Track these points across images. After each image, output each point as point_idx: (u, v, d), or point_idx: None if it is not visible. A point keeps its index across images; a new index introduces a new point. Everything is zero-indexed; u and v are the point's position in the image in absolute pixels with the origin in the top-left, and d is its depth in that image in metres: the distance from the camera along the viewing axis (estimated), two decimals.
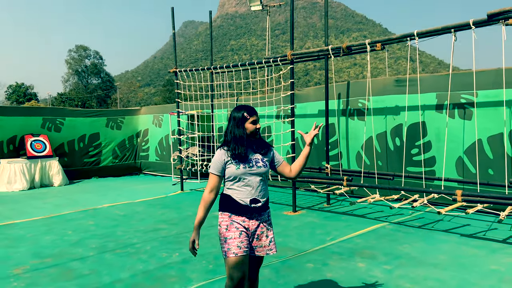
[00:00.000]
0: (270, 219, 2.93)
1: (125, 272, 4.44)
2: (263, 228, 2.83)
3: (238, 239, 2.72)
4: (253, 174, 2.75)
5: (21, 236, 6.06)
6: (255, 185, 2.75)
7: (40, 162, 11.07)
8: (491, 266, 4.31)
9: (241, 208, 2.76)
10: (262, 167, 2.79)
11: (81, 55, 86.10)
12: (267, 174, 2.85)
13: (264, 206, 2.83)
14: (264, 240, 2.83)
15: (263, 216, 2.84)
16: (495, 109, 6.26)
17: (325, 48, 6.49)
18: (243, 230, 2.76)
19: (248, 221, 2.79)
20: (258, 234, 2.82)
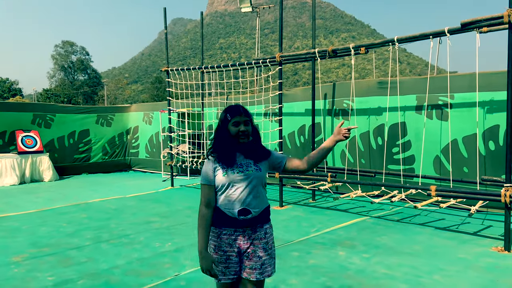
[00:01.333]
0: (269, 238, 2.49)
1: (121, 259, 4.71)
2: (256, 247, 2.42)
3: (224, 264, 2.43)
4: (242, 181, 2.39)
5: (17, 228, 6.27)
6: (245, 193, 2.39)
7: (31, 157, 11.21)
8: (460, 255, 4.70)
9: (230, 221, 2.41)
10: (253, 172, 2.43)
11: (67, 51, 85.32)
12: (262, 181, 2.48)
13: (258, 219, 2.43)
14: (255, 261, 2.41)
15: (259, 233, 2.44)
16: (470, 110, 6.68)
17: (312, 51, 6.83)
18: (232, 254, 2.42)
19: (240, 238, 2.42)
20: (249, 253, 2.42)
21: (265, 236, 2.47)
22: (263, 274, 2.42)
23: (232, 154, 2.44)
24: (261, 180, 2.47)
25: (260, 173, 2.46)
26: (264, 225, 2.48)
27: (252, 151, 2.49)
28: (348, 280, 3.99)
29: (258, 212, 2.43)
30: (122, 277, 4.20)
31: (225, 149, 2.44)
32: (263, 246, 2.44)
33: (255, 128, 2.56)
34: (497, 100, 6.40)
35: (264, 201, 2.50)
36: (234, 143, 2.45)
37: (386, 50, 6.34)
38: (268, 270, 2.45)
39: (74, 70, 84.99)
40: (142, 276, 4.21)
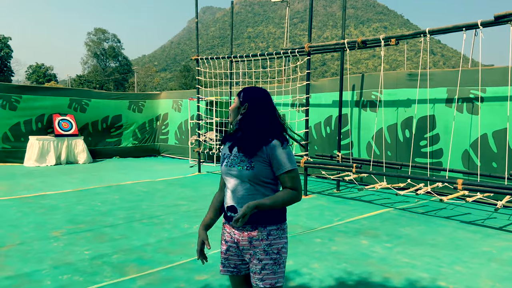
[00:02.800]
0: (274, 241, 2.14)
1: (152, 238, 4.97)
2: (256, 248, 2.14)
3: (224, 255, 2.28)
4: (232, 176, 2.17)
5: (54, 206, 6.65)
6: (234, 189, 2.17)
7: (67, 140, 11.72)
8: (484, 248, 4.72)
9: (225, 215, 2.27)
10: (243, 169, 2.12)
11: (99, 38, 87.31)
12: (257, 179, 2.12)
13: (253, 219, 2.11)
14: (255, 264, 2.14)
15: (260, 233, 2.13)
16: (501, 104, 6.57)
17: (341, 42, 6.86)
18: (232, 245, 2.23)
19: (238, 234, 2.18)
20: (250, 255, 2.16)
21: (268, 238, 2.13)
22: (263, 281, 2.11)
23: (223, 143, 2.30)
24: (255, 179, 2.12)
25: (250, 172, 2.11)
26: (268, 226, 2.13)
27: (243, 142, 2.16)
28: (369, 267, 4.10)
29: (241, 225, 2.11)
30: (153, 254, 4.45)
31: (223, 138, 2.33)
32: (264, 248, 2.12)
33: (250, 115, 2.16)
34: None
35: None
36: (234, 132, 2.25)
37: (419, 42, 6.31)
38: (270, 278, 2.11)
39: (106, 57, 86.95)
40: (172, 254, 4.45)
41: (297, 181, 2.14)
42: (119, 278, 3.81)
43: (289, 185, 2.12)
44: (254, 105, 2.18)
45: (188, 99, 12.31)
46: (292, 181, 2.12)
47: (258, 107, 2.18)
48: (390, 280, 3.82)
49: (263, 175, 2.13)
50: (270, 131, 2.15)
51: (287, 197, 2.11)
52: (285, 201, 2.11)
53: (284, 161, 2.11)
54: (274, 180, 2.18)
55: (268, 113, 2.18)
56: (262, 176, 2.13)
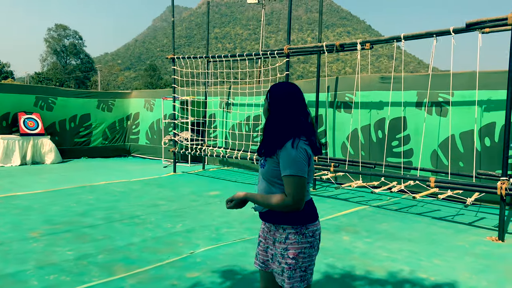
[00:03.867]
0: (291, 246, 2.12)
1: (136, 237, 4.93)
2: (276, 250, 2.19)
3: (257, 248, 2.36)
4: (259, 172, 2.27)
5: (28, 206, 6.43)
6: (259, 186, 2.26)
7: (33, 139, 11.30)
8: (457, 242, 5.00)
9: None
10: (261, 166, 2.22)
11: (60, 35, 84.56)
12: (268, 178, 2.15)
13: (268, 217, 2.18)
14: (277, 266, 2.19)
15: (279, 235, 2.15)
16: (468, 108, 6.96)
17: (319, 45, 7.04)
18: (262, 241, 2.32)
19: (265, 231, 2.28)
20: (272, 255, 2.22)
21: (285, 242, 2.13)
22: (284, 283, 2.15)
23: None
24: (267, 177, 2.15)
25: (262, 170, 2.18)
26: (287, 229, 2.13)
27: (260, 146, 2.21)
28: (354, 261, 4.26)
29: (261, 209, 2.21)
30: (139, 253, 4.42)
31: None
32: (281, 252, 2.13)
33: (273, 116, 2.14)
34: (495, 99, 6.69)
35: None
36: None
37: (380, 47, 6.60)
38: (287, 282, 2.13)
39: (66, 54, 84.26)
40: (159, 253, 4.43)
41: (294, 188, 2.02)
42: (108, 277, 3.77)
43: (286, 190, 2.06)
44: (275, 106, 2.14)
45: (162, 99, 12.18)
46: (288, 187, 2.04)
47: (278, 108, 2.13)
48: (374, 273, 3.99)
49: (272, 174, 2.12)
50: (288, 132, 2.09)
51: (276, 202, 2.07)
52: (273, 205, 2.07)
53: (286, 165, 2.04)
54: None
55: (288, 113, 2.10)
56: (271, 175, 2.12)
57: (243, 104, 10.40)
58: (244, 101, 10.24)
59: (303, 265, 2.13)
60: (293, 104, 2.13)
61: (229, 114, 10.88)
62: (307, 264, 2.14)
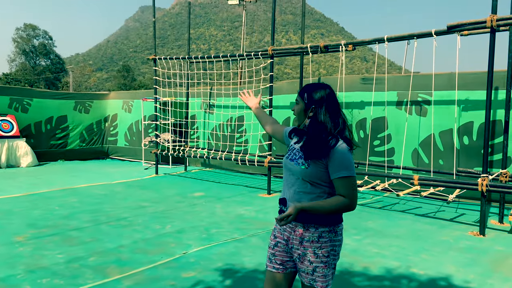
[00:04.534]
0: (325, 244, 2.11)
1: (125, 239, 4.87)
2: (306, 249, 2.13)
3: (271, 250, 2.27)
4: (288, 169, 2.21)
5: (8, 210, 6.24)
6: (289, 183, 2.19)
7: (7, 142, 10.96)
8: (442, 237, 5.17)
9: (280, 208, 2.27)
10: (297, 166, 2.13)
11: (29, 34, 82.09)
12: (310, 178, 2.10)
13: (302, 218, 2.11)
14: (307, 266, 2.13)
15: (311, 234, 2.11)
16: (447, 107, 7.20)
17: (304, 46, 7.14)
18: (281, 241, 2.23)
19: (289, 231, 2.19)
20: (299, 255, 2.16)
21: (319, 240, 2.11)
22: (316, 282, 2.13)
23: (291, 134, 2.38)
24: (308, 177, 2.11)
25: (304, 170, 2.11)
26: (320, 228, 2.11)
27: (304, 144, 2.16)
28: (345, 258, 4.35)
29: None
30: (131, 255, 4.37)
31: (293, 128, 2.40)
32: (315, 250, 2.11)
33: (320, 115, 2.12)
34: (472, 99, 6.95)
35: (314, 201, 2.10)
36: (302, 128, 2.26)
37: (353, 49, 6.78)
38: (321, 280, 2.12)
39: (36, 54, 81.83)
40: (150, 254, 4.40)
41: (352, 189, 2.05)
42: (103, 279, 3.72)
43: (342, 192, 2.04)
44: (320, 108, 2.12)
45: (142, 100, 12.03)
46: (346, 188, 2.04)
47: (324, 110, 2.11)
48: (366, 269, 4.09)
49: (317, 176, 2.09)
50: (337, 133, 2.10)
51: (336, 205, 2.03)
52: (334, 209, 2.03)
53: (342, 166, 2.04)
54: (330, 182, 2.11)
55: (333, 114, 2.11)
56: (316, 177, 2.09)
57: (225, 106, 10.40)
58: (226, 102, 10.24)
59: (333, 262, 2.16)
60: (335, 104, 2.15)
61: (211, 115, 10.86)
62: (336, 261, 2.19)
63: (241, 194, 7.71)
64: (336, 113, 2.13)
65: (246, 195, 7.69)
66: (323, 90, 2.17)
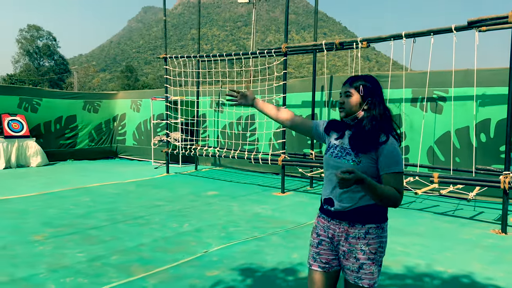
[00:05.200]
0: (372, 241, 2.08)
1: (145, 238, 4.83)
2: (352, 246, 2.09)
3: (315, 249, 2.21)
4: (334, 167, 2.11)
5: (23, 210, 6.21)
6: (335, 182, 2.04)
7: (17, 142, 10.95)
8: (464, 236, 5.10)
9: (321, 206, 2.23)
10: (347, 163, 2.07)
11: (33, 36, 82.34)
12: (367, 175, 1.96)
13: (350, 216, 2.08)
14: (352, 263, 2.09)
15: (357, 231, 2.08)
16: (463, 104, 7.13)
17: (319, 43, 7.08)
18: (325, 239, 2.18)
19: (334, 229, 2.14)
20: (345, 252, 2.12)
21: (366, 237, 2.07)
22: (361, 280, 2.08)
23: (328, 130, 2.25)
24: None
25: (355, 167, 2.02)
26: (367, 224, 2.08)
27: (355, 137, 2.07)
28: None
29: (346, 208, 2.09)
30: (152, 253, 4.33)
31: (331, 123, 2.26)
32: (361, 247, 2.07)
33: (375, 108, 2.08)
34: (489, 95, 6.87)
35: (364, 198, 2.06)
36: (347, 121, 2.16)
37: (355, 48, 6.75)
38: (368, 277, 2.08)
39: (40, 55, 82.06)
40: (172, 253, 4.35)
41: (402, 185, 2.01)
42: (127, 278, 3.68)
43: (394, 187, 1.98)
44: (376, 101, 2.09)
45: (151, 99, 12.00)
46: (398, 183, 1.99)
47: (379, 104, 2.09)
48: (391, 268, 4.03)
49: (368, 172, 2.02)
50: (390, 126, 2.09)
51: (390, 194, 1.93)
52: (388, 197, 1.92)
53: (394, 162, 2.00)
54: (378, 178, 2.05)
55: (384, 108, 2.10)
56: (367, 173, 2.00)
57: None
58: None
59: (380, 259, 2.12)
60: (383, 97, 2.13)
61: (221, 114, 10.81)
62: (382, 258, 2.15)
63: (256, 193, 7.66)
64: (384, 106, 2.12)
65: (260, 193, 7.63)
66: (376, 83, 2.14)
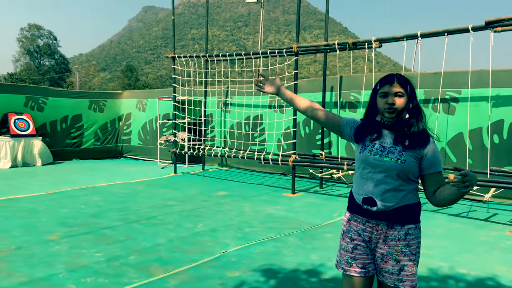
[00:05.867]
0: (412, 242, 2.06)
1: (160, 238, 4.78)
2: (392, 249, 2.05)
3: (350, 254, 2.15)
4: (375, 166, 2.06)
5: (34, 209, 6.17)
6: (377, 181, 2.04)
7: (24, 140, 10.90)
8: (481, 237, 5.06)
9: (356, 206, 2.15)
10: (393, 162, 2.02)
11: (34, 35, 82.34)
12: (405, 174, 2.02)
13: (392, 216, 2.04)
14: (392, 265, 2.05)
15: (397, 232, 2.04)
16: (476, 105, 7.09)
17: (331, 43, 7.04)
18: (360, 244, 2.13)
19: (370, 231, 2.10)
20: (383, 254, 2.07)
21: (406, 238, 2.04)
22: (403, 282, 2.05)
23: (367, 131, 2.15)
24: (404, 173, 2.02)
25: (400, 165, 2.00)
26: (406, 225, 2.05)
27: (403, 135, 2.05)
28: None
29: (389, 208, 2.03)
30: (170, 254, 4.29)
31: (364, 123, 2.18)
32: (402, 249, 2.04)
33: (417, 106, 2.09)
34: (503, 96, 6.83)
35: (406, 197, 2.04)
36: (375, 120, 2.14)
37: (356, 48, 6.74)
38: (410, 279, 2.05)
39: (40, 54, 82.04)
40: (190, 253, 4.31)
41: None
42: (148, 278, 3.64)
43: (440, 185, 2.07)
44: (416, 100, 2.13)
45: (158, 98, 11.95)
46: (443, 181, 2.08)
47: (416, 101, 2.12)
48: None
49: (412, 171, 2.03)
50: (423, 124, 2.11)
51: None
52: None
53: (437, 161, 2.07)
54: (417, 179, 2.09)
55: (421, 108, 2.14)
56: (411, 172, 2.03)
57: (243, 104, 10.30)
58: (243, 100, 10.15)
59: (419, 259, 2.13)
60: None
61: (228, 114, 10.77)
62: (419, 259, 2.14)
63: (266, 194, 7.62)
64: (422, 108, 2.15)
65: (270, 194, 7.59)
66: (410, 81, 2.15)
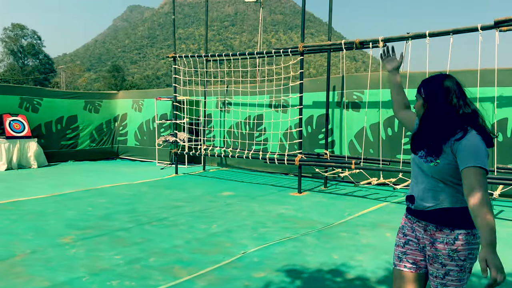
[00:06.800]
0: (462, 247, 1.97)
1: (177, 240, 4.74)
2: (438, 251, 2.01)
3: (401, 249, 2.17)
4: (417, 166, 2.12)
5: (41, 212, 6.06)
6: (417, 180, 2.10)
7: (19, 142, 10.70)
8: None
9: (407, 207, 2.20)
10: (423, 162, 2.05)
11: (17, 34, 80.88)
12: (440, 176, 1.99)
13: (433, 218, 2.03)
14: (437, 268, 2.03)
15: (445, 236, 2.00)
16: (481, 105, 7.18)
17: (338, 42, 7.07)
18: (412, 240, 2.14)
19: (419, 230, 2.11)
20: (429, 256, 2.06)
21: (455, 243, 1.98)
22: (446, 287, 2.02)
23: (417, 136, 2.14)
24: (438, 175, 1.99)
25: (433, 167, 2.00)
26: (456, 229, 1.98)
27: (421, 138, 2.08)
28: None
29: (427, 208, 2.04)
30: (190, 255, 4.25)
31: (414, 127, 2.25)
32: (449, 253, 1.99)
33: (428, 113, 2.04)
34: (506, 96, 6.95)
35: (447, 200, 2.00)
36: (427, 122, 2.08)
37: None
38: (454, 284, 2.00)
39: (24, 55, 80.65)
40: (210, 254, 4.28)
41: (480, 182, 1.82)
42: (174, 280, 3.60)
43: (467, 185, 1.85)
44: (432, 101, 2.03)
45: (156, 99, 11.85)
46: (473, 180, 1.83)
47: (436, 102, 2.01)
48: None
49: (447, 172, 1.97)
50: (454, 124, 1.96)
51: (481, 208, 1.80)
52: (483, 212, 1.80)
53: (468, 157, 1.88)
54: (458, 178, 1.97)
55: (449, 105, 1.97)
56: (447, 174, 1.98)
57: (243, 104, 10.28)
58: (245, 100, 10.13)
59: (470, 266, 2.03)
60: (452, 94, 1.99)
61: (228, 114, 10.73)
62: (473, 265, 2.05)
63: (272, 193, 7.61)
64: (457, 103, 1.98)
65: (277, 194, 7.59)
66: (436, 81, 2.05)
